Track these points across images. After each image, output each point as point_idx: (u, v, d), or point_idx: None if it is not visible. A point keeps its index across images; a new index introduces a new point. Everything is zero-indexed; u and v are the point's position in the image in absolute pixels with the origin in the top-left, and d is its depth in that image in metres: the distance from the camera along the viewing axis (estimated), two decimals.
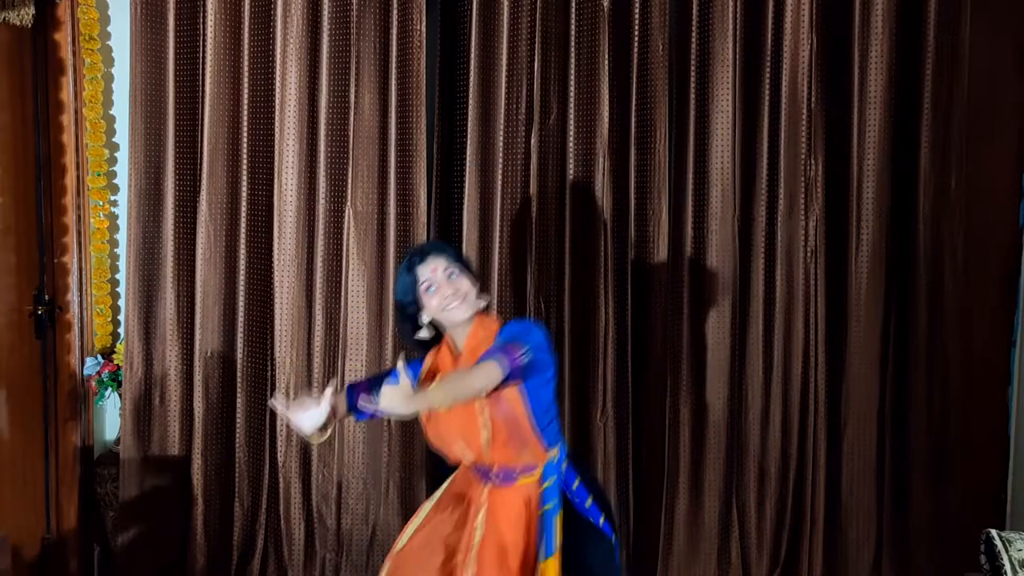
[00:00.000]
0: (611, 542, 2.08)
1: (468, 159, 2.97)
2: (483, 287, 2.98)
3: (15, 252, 2.95)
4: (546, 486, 2.03)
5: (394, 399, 1.76)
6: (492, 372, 1.82)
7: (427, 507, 2.17)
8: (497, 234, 2.98)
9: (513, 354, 1.85)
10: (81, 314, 3.13)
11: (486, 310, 2.08)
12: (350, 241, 3.01)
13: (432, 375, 2.07)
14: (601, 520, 2.07)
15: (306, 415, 1.93)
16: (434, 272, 2.02)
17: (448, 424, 2.01)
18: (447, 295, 2.00)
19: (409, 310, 2.07)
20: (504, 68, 2.93)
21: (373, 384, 2.06)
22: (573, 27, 2.92)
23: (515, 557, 1.99)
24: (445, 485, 2.19)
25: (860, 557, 2.97)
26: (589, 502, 2.07)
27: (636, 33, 2.90)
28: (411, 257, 2.08)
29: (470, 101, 2.95)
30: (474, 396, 1.87)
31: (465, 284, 2.03)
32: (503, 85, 2.93)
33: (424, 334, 2.08)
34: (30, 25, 2.81)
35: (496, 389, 1.87)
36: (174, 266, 3.07)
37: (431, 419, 2.03)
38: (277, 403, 1.99)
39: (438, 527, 2.09)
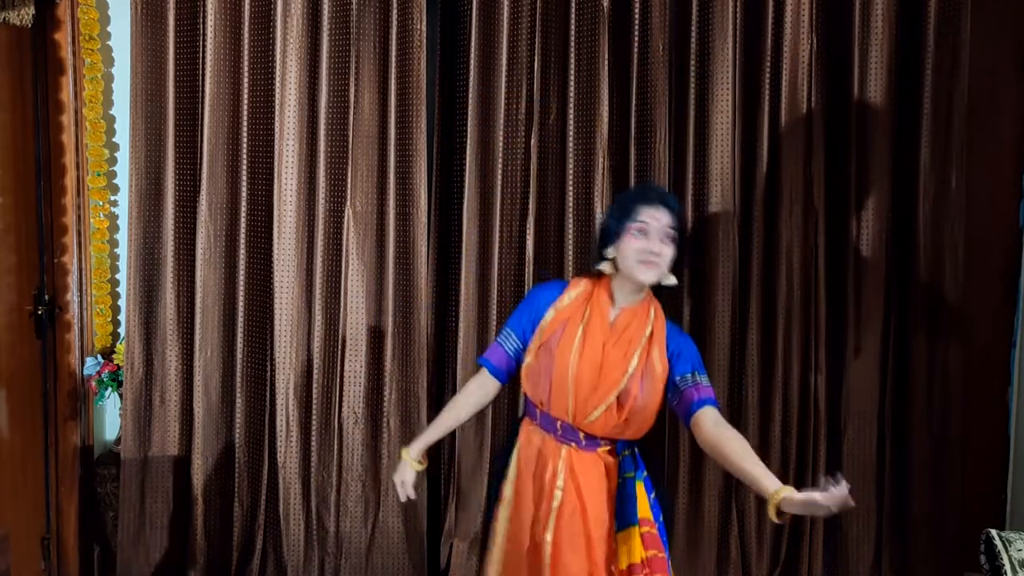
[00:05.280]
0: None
1: (468, 159, 2.97)
2: (483, 286, 3.02)
3: (15, 252, 2.94)
4: (623, 455, 2.02)
5: None
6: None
7: (505, 505, 2.11)
8: (497, 234, 2.98)
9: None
10: (81, 314, 3.13)
11: (666, 290, 2.00)
12: (350, 241, 3.01)
13: (582, 306, 1.99)
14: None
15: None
16: (655, 220, 1.91)
17: (589, 375, 1.93)
18: (650, 250, 1.91)
19: (607, 235, 1.99)
20: (504, 68, 2.93)
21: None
22: (573, 27, 2.91)
23: (596, 525, 1.96)
24: (513, 473, 2.11)
25: (860, 557, 2.97)
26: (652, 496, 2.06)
27: (636, 33, 2.89)
28: (645, 192, 2.02)
29: (470, 101, 2.95)
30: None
31: (669, 254, 1.93)
32: (503, 85, 2.93)
33: (605, 266, 2.00)
34: (30, 25, 2.81)
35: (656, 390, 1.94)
36: (174, 266, 3.08)
37: (583, 353, 1.94)
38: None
39: (524, 515, 2.04)
